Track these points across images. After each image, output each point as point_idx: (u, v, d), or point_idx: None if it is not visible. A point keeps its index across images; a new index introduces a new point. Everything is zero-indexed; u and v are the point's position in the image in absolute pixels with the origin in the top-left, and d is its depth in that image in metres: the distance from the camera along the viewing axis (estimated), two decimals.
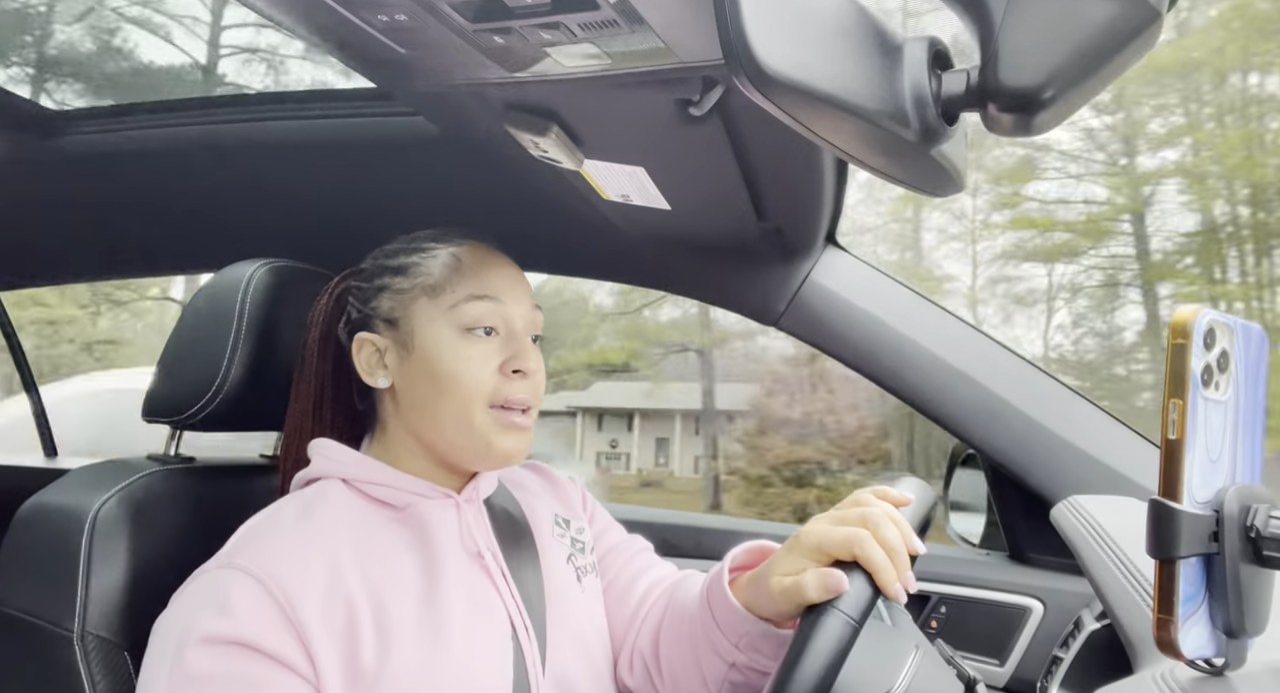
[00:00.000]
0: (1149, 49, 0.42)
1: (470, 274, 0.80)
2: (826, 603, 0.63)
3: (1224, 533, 0.46)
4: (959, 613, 1.14)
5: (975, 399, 1.11)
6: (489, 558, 0.79)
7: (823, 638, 0.60)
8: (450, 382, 0.77)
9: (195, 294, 0.96)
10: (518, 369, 0.78)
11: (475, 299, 0.79)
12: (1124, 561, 0.75)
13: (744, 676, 0.77)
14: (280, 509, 0.76)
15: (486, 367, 0.78)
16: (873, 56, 0.46)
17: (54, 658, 0.76)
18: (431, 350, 0.78)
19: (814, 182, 0.91)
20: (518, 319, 0.81)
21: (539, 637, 0.78)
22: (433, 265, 0.81)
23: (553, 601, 0.82)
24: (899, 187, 0.57)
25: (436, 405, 0.78)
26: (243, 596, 0.66)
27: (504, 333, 0.80)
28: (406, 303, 0.81)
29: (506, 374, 0.78)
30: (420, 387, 0.79)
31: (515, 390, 0.78)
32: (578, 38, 0.55)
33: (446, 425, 0.78)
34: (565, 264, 1.37)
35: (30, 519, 0.82)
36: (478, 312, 0.78)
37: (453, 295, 0.79)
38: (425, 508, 0.79)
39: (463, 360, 0.77)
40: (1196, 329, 0.46)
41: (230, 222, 1.33)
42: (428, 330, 0.79)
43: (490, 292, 0.80)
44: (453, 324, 0.78)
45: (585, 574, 0.89)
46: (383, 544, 0.75)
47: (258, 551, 0.70)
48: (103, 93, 1.18)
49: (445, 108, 0.79)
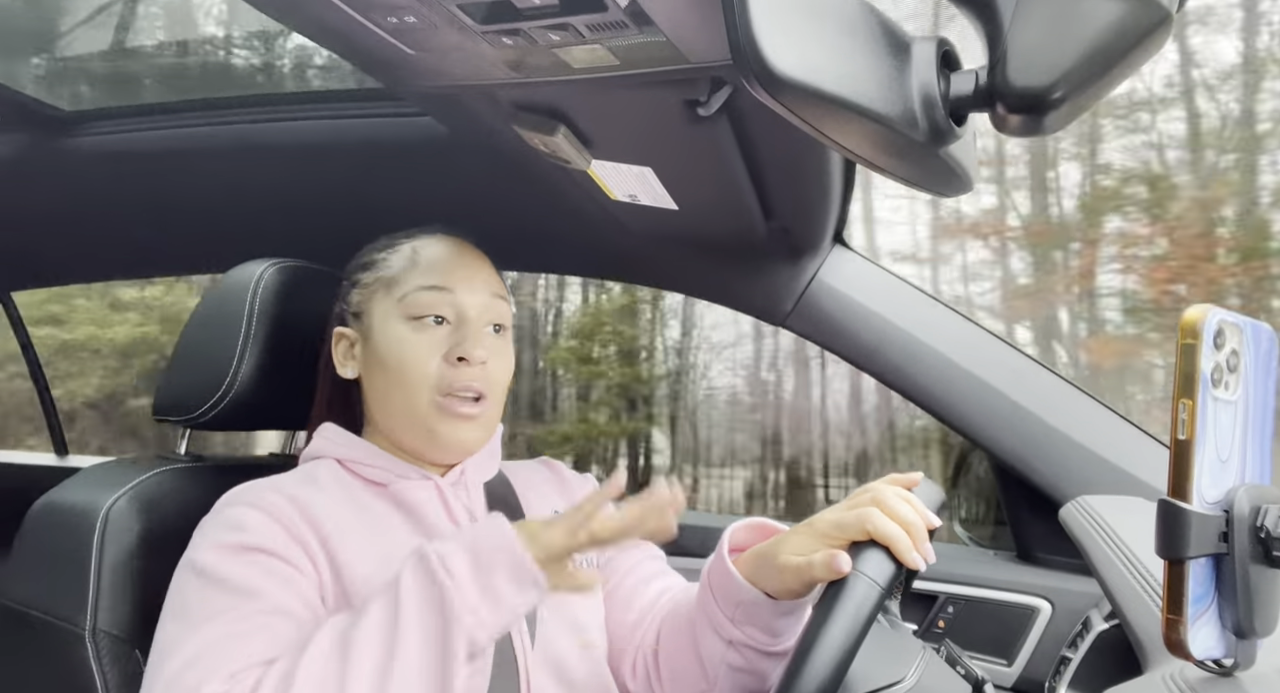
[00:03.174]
0: (1159, 49, 0.42)
1: (424, 266, 0.83)
2: (852, 572, 0.64)
3: (1233, 533, 0.46)
4: (966, 613, 1.14)
5: (983, 399, 1.11)
6: None
7: (849, 600, 0.62)
8: (397, 371, 0.80)
9: (205, 294, 0.97)
10: (462, 356, 0.79)
11: (423, 289, 0.81)
12: (1133, 561, 0.75)
13: (742, 657, 0.77)
14: (277, 476, 0.80)
15: (432, 355, 0.80)
16: (881, 57, 0.46)
17: (66, 655, 0.77)
18: (382, 341, 0.82)
19: (821, 181, 0.91)
20: (470, 308, 0.82)
21: (529, 619, 0.79)
22: (393, 260, 0.84)
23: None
24: (908, 187, 0.57)
25: (388, 395, 0.82)
26: (252, 517, 0.72)
27: (454, 322, 0.82)
28: (368, 297, 0.84)
29: (452, 362, 0.80)
30: (376, 377, 0.83)
31: (461, 378, 0.79)
32: (586, 39, 0.55)
33: (397, 414, 0.82)
34: (572, 264, 1.37)
35: (42, 517, 0.83)
36: (425, 301, 0.81)
37: (404, 287, 0.82)
38: (404, 486, 0.81)
39: (409, 348, 0.80)
40: (1206, 329, 0.45)
41: (241, 222, 1.33)
42: (381, 322, 0.82)
43: (440, 282, 0.82)
44: (401, 314, 0.81)
45: (583, 566, 0.88)
46: (369, 512, 0.79)
47: (255, 493, 0.75)
48: (115, 93, 1.18)
49: (453, 108, 0.80)
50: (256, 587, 0.68)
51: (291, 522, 0.73)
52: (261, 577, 0.69)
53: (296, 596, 0.69)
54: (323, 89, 1.21)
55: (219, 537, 0.71)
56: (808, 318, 1.17)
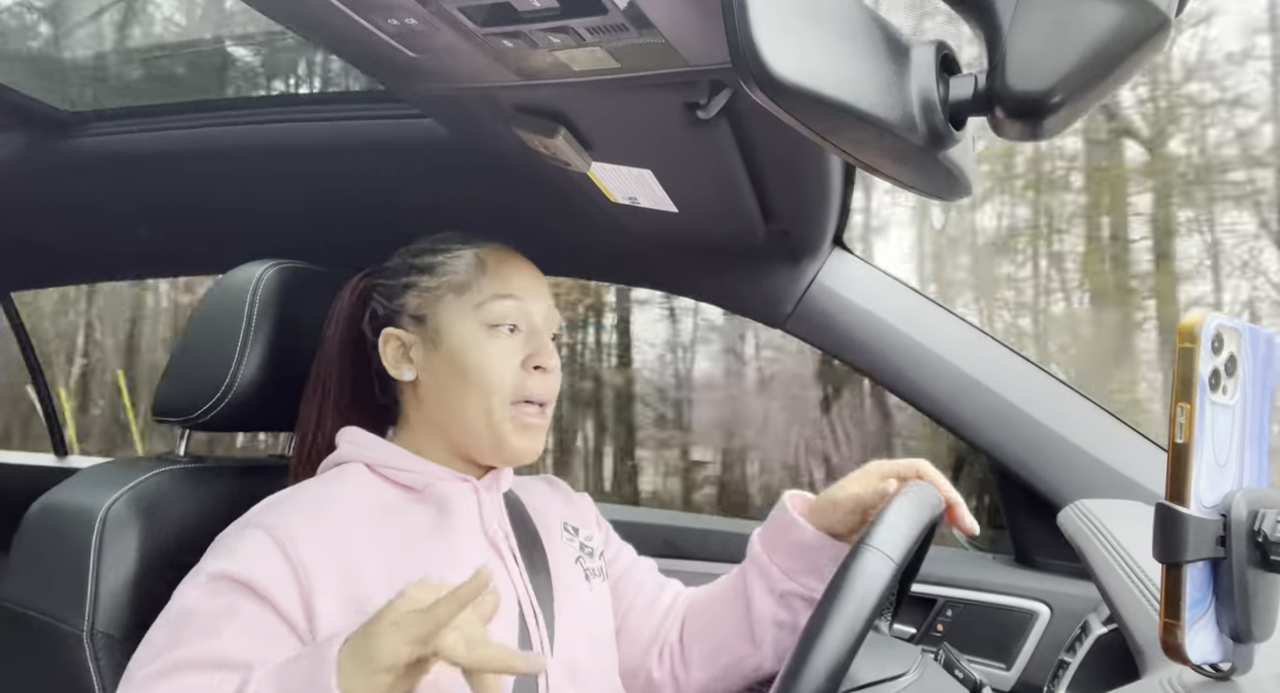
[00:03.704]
0: (1157, 54, 0.42)
1: (495, 274, 0.83)
2: (865, 545, 0.68)
3: (1231, 537, 0.46)
4: (965, 617, 1.14)
5: (982, 402, 1.11)
6: (502, 542, 0.82)
7: (863, 571, 0.65)
8: (476, 375, 0.80)
9: (205, 295, 0.97)
10: (539, 365, 0.81)
11: (500, 298, 0.82)
12: (1131, 565, 0.75)
13: (790, 610, 0.86)
14: (304, 485, 0.80)
15: (510, 362, 0.81)
16: (880, 61, 0.46)
17: (63, 656, 0.77)
18: (458, 346, 0.81)
19: (821, 184, 0.91)
20: (538, 317, 0.84)
21: (547, 623, 0.80)
22: (459, 265, 0.84)
23: (561, 593, 0.84)
24: (907, 191, 0.57)
25: (460, 398, 0.81)
26: (250, 543, 0.71)
27: (526, 330, 0.83)
28: (433, 300, 0.84)
29: (528, 370, 0.81)
30: (445, 380, 0.82)
31: (535, 386, 0.81)
32: (586, 41, 0.55)
33: (468, 418, 0.81)
34: (572, 266, 1.37)
35: (40, 518, 0.83)
36: (502, 309, 0.82)
37: (479, 294, 0.82)
38: (443, 488, 0.81)
39: (488, 356, 0.80)
40: (1204, 334, 0.46)
41: (240, 223, 1.33)
42: (455, 326, 0.82)
43: (514, 291, 0.83)
44: (479, 321, 0.82)
45: (594, 577, 0.90)
46: (399, 519, 0.78)
47: (275, 511, 0.74)
48: (115, 94, 1.18)
49: (454, 110, 0.80)
50: (206, 633, 0.67)
51: (297, 554, 0.71)
52: (220, 623, 0.67)
53: (246, 643, 0.67)
54: (323, 91, 1.21)
55: (208, 566, 0.71)
56: (807, 321, 1.17)
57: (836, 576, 0.65)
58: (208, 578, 0.70)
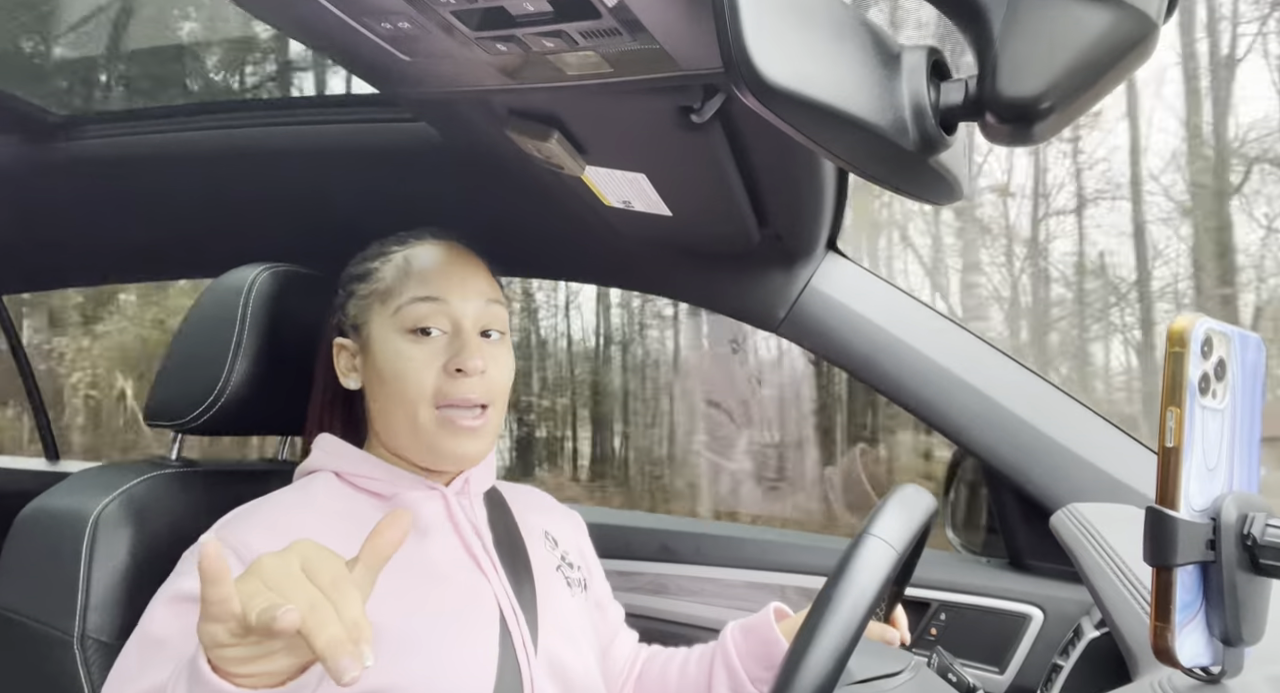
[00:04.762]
0: (1146, 60, 0.42)
1: (416, 276, 0.82)
2: (867, 534, 0.69)
3: (1221, 541, 0.47)
4: (958, 620, 1.14)
5: (975, 406, 1.11)
6: (477, 545, 0.81)
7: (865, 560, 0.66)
8: (396, 384, 0.79)
9: (198, 299, 0.97)
10: (459, 368, 0.78)
11: (418, 301, 0.80)
12: (1122, 568, 0.75)
13: None
14: (271, 495, 0.79)
15: (430, 367, 0.79)
16: (872, 66, 0.46)
17: (53, 661, 0.76)
18: (380, 354, 0.81)
19: (815, 188, 0.91)
20: (466, 318, 0.81)
21: (529, 622, 0.79)
22: (386, 270, 0.83)
23: (543, 593, 0.84)
24: (899, 195, 0.58)
25: (389, 408, 0.81)
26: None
27: (450, 332, 0.81)
28: (365, 308, 0.83)
29: (450, 373, 0.79)
30: (377, 389, 0.82)
31: (460, 389, 0.79)
32: (579, 46, 0.55)
33: (398, 428, 0.80)
34: (566, 270, 1.37)
35: (31, 522, 0.83)
36: (420, 312, 0.80)
37: (398, 299, 0.81)
38: (410, 497, 0.81)
39: (405, 361, 0.79)
40: (1194, 338, 0.46)
41: (233, 226, 1.33)
42: (379, 334, 0.81)
43: (434, 292, 0.81)
44: (398, 327, 0.80)
45: (574, 586, 0.90)
46: (366, 525, 0.76)
47: (239, 523, 0.74)
48: (107, 98, 1.18)
49: (448, 114, 0.80)
50: (162, 644, 0.67)
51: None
52: (178, 641, 0.66)
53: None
54: (315, 95, 1.21)
55: (169, 587, 0.71)
56: (801, 325, 1.17)
57: (839, 563, 0.66)
58: (170, 599, 0.70)
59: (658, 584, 1.31)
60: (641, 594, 1.30)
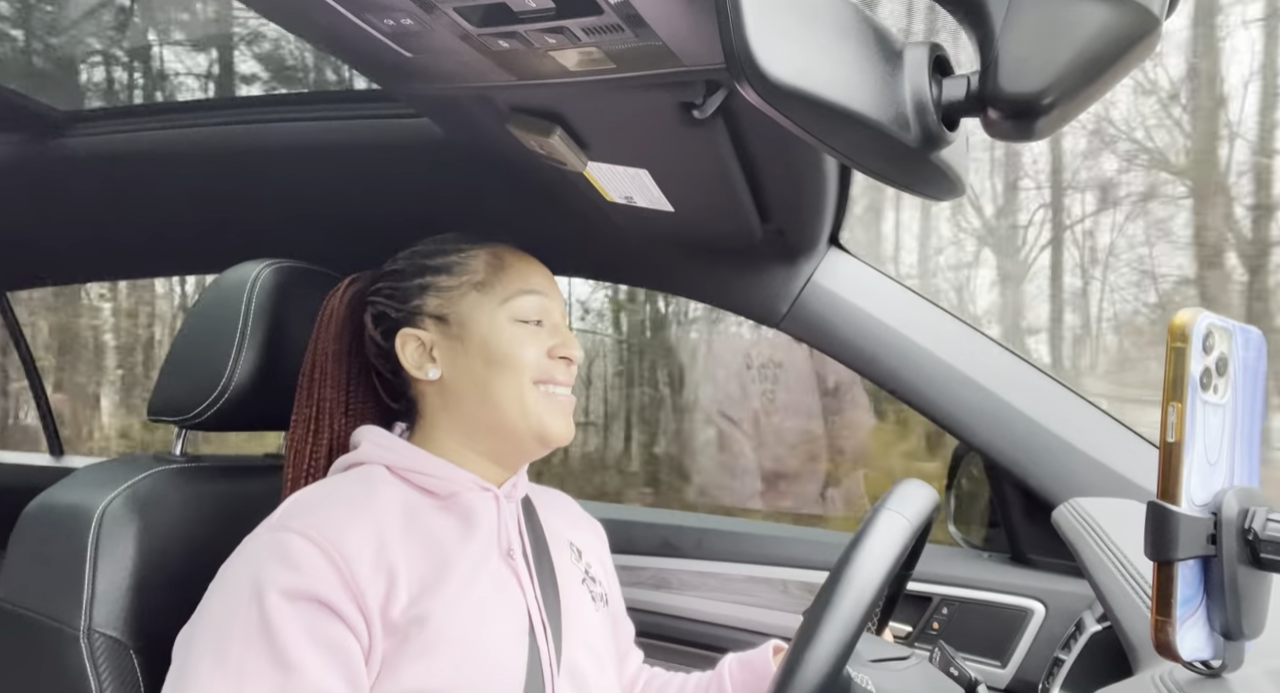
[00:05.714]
0: (1148, 56, 0.42)
1: (515, 271, 0.86)
2: (883, 509, 0.71)
3: (1222, 535, 0.47)
4: (960, 615, 1.15)
5: (977, 401, 1.11)
6: (518, 554, 0.82)
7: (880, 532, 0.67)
8: (507, 361, 0.82)
9: (201, 295, 0.97)
10: (564, 355, 0.84)
11: (525, 293, 0.84)
12: (1124, 563, 0.75)
13: None
14: (328, 485, 0.78)
15: (539, 350, 0.83)
16: (874, 62, 0.46)
17: (60, 656, 0.77)
18: (488, 336, 0.82)
19: (817, 184, 0.91)
20: (557, 312, 0.87)
21: (555, 636, 0.80)
22: (476, 264, 0.85)
23: (567, 605, 0.84)
24: (900, 190, 0.58)
25: (493, 385, 0.82)
26: (304, 554, 0.69)
27: (549, 324, 0.85)
28: (455, 298, 0.84)
29: (554, 358, 0.84)
30: (477, 371, 0.82)
31: (559, 372, 0.84)
32: (581, 42, 0.55)
33: (504, 404, 0.82)
34: (568, 265, 1.37)
35: (37, 517, 0.83)
36: (528, 304, 0.84)
37: (504, 290, 0.84)
38: (469, 499, 0.81)
39: (518, 344, 0.82)
40: (1195, 333, 0.46)
41: (236, 223, 1.33)
42: (482, 321, 0.83)
43: (536, 287, 0.85)
44: (507, 315, 0.83)
45: (597, 601, 0.91)
46: (426, 524, 0.77)
47: (309, 517, 0.72)
48: (109, 94, 1.18)
49: (450, 110, 0.80)
50: (298, 662, 0.65)
51: (344, 561, 0.69)
52: (307, 647, 0.66)
53: (337, 670, 0.67)
54: (318, 90, 1.21)
55: (276, 576, 0.67)
56: (803, 320, 1.17)
57: (856, 537, 0.68)
58: (283, 593, 0.67)
59: (660, 579, 1.31)
60: (644, 589, 1.31)
